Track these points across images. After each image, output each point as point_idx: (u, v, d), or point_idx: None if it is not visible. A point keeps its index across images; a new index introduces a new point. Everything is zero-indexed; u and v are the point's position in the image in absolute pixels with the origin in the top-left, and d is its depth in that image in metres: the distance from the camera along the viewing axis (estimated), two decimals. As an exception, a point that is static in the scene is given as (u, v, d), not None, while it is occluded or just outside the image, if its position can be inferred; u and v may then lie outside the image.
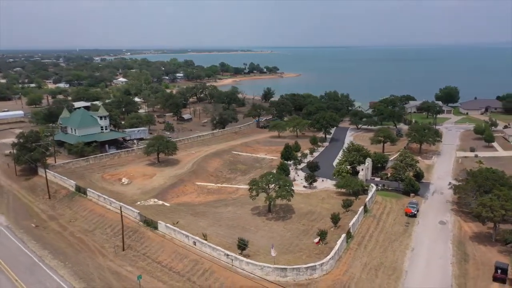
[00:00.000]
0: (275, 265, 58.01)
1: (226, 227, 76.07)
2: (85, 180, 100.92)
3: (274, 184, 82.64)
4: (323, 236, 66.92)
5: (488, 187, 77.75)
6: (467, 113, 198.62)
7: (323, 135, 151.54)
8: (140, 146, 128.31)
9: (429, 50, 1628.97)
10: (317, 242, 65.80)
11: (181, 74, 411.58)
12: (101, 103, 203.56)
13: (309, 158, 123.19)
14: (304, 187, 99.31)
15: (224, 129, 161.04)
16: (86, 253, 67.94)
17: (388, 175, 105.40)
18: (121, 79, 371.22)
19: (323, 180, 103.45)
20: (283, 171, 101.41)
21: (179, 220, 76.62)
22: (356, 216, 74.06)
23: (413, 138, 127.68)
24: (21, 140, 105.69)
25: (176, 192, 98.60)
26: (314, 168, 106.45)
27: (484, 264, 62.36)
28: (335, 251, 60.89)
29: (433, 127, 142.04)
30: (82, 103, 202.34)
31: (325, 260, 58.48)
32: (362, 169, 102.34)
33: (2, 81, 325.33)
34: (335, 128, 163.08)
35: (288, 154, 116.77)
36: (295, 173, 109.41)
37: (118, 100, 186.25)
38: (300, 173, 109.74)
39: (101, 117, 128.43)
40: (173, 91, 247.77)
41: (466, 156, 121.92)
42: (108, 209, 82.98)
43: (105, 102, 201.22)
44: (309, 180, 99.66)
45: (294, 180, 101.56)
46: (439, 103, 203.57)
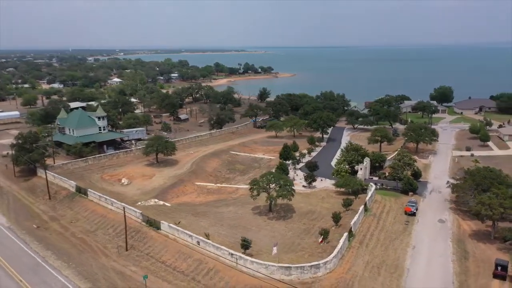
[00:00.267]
0: (280, 264, 58.51)
1: (227, 226, 76.46)
2: (84, 181, 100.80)
3: (275, 183, 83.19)
4: (326, 235, 67.57)
5: (486, 185, 78.86)
6: (461, 113, 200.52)
7: (320, 135, 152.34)
8: (139, 147, 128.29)
9: (429, 50, 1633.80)
10: (321, 241, 66.44)
11: (176, 74, 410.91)
12: (96, 103, 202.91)
13: (307, 158, 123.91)
14: (303, 186, 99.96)
15: (222, 129, 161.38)
16: (89, 254, 68.04)
17: (386, 174, 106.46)
18: (116, 79, 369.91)
19: (322, 180, 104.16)
20: (282, 171, 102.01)
21: (181, 220, 76.87)
22: (357, 215, 74.81)
23: (410, 138, 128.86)
24: (19, 141, 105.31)
25: (176, 192, 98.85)
26: (313, 167, 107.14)
27: (484, 262, 63.37)
28: (338, 250, 61.55)
29: (430, 126, 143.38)
30: (77, 104, 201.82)
31: (329, 259, 59.12)
32: (361, 169, 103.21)
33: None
34: (332, 128, 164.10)
35: (287, 154, 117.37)
36: (294, 172, 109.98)
37: (114, 100, 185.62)
38: (299, 173, 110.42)
39: (99, 118, 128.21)
40: (169, 91, 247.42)
41: (462, 155, 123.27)
42: (110, 209, 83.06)
43: (101, 102, 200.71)
44: (309, 179, 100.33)
45: (294, 180, 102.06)
46: (434, 102, 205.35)
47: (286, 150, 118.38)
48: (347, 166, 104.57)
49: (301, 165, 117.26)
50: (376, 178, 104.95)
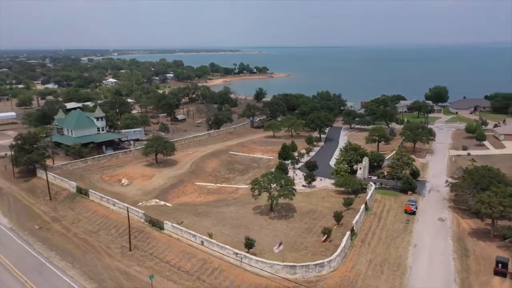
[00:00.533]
0: (285, 263, 59.05)
1: (230, 226, 76.87)
2: (84, 181, 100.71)
3: (276, 183, 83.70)
4: (329, 234, 68.21)
5: (484, 184, 79.96)
6: (456, 112, 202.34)
7: (318, 135, 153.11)
8: (137, 147, 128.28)
9: (428, 50, 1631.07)
10: (324, 239, 67.08)
11: (171, 75, 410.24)
12: (92, 104, 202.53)
13: (306, 158, 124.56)
14: (303, 186, 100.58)
15: (220, 129, 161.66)
16: (93, 254, 68.16)
17: (385, 173, 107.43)
18: (111, 79, 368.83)
19: (321, 179, 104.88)
20: (282, 171, 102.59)
21: (183, 220, 77.16)
22: (358, 214, 75.53)
23: (407, 137, 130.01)
24: (19, 142, 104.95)
25: (177, 192, 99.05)
26: (312, 167, 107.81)
27: (484, 259, 64.37)
28: (341, 249, 62.20)
29: (426, 126, 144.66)
30: (73, 104, 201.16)
31: (333, 257, 59.78)
32: (360, 168, 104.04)
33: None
34: (329, 128, 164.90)
35: (286, 153, 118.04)
36: (293, 172, 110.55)
37: (111, 101, 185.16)
38: (298, 173, 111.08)
39: (97, 118, 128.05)
40: (165, 92, 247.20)
41: (459, 155, 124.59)
42: (112, 210, 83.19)
43: (97, 103, 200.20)
44: (308, 179, 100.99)
45: (293, 179, 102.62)
46: (429, 102, 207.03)
47: (285, 150, 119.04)
48: (346, 166, 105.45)
49: (300, 165, 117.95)
50: (375, 178, 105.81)
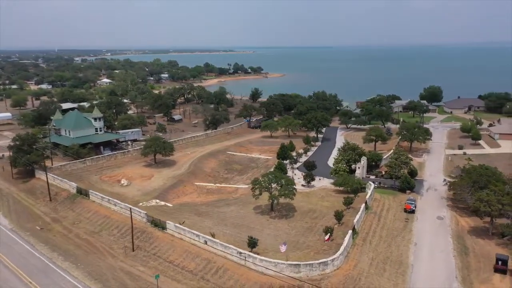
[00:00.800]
0: (289, 262, 59.58)
1: (231, 226, 77.26)
2: (83, 182, 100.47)
3: (276, 183, 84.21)
4: (331, 233, 68.84)
5: (482, 183, 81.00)
6: (451, 112, 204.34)
7: (315, 135, 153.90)
8: (136, 148, 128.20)
9: (423, 50, 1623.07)
10: (327, 238, 67.70)
11: (166, 75, 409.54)
12: (88, 104, 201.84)
13: (304, 158, 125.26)
14: (302, 186, 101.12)
15: (217, 129, 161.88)
16: (96, 255, 68.21)
17: (383, 173, 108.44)
18: (105, 80, 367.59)
19: (320, 179, 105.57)
20: (281, 171, 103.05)
21: (184, 220, 77.37)
22: (359, 213, 76.28)
23: (404, 137, 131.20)
24: (17, 143, 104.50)
25: (176, 192, 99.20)
26: (311, 167, 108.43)
27: (484, 257, 65.37)
28: (344, 247, 62.85)
29: (423, 126, 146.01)
30: (69, 105, 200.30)
31: (336, 256, 60.43)
32: (359, 168, 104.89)
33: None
34: (326, 127, 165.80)
35: (284, 153, 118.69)
36: (292, 172, 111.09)
37: (107, 101, 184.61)
38: (297, 172, 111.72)
39: (95, 119, 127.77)
40: (161, 92, 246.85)
41: (455, 154, 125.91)
42: (113, 210, 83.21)
43: (93, 103, 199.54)
44: (308, 178, 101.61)
45: (293, 179, 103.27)
46: (424, 102, 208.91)
47: (283, 150, 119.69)
48: (344, 165, 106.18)
49: (298, 164, 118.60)
50: (373, 177, 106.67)
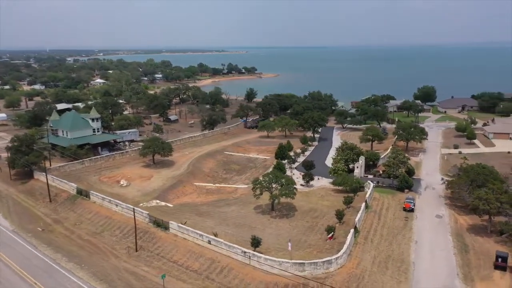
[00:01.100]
0: (294, 260, 60.16)
1: (233, 226, 77.70)
2: (82, 183, 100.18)
3: (277, 183, 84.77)
4: (334, 231, 69.55)
5: (480, 181, 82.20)
6: (445, 112, 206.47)
7: (312, 135, 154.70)
8: (134, 148, 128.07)
9: (425, 50, 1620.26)
10: (330, 237, 68.39)
11: (160, 75, 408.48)
12: (83, 105, 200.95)
13: (302, 158, 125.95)
14: (301, 185, 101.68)
15: (214, 130, 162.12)
16: (99, 255, 68.26)
17: (381, 172, 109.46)
18: (99, 80, 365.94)
19: (318, 179, 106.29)
20: (280, 170, 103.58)
21: (186, 220, 77.62)
22: (360, 212, 77.10)
23: (400, 136, 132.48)
24: (15, 144, 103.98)
25: (176, 193, 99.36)
26: (310, 166, 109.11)
27: (483, 254, 66.50)
28: (347, 246, 63.57)
29: (419, 125, 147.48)
30: (63, 105, 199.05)
31: (340, 254, 61.14)
32: (357, 167, 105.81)
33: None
34: (322, 127, 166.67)
35: (282, 153, 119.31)
36: (290, 172, 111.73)
37: (103, 101, 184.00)
38: (296, 172, 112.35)
39: (93, 119, 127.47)
40: (156, 92, 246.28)
41: (450, 153, 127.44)
42: (114, 211, 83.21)
43: (88, 103, 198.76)
44: (307, 178, 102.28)
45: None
46: (418, 102, 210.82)
47: (281, 149, 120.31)
48: (343, 165, 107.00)
49: (296, 164, 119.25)
50: (371, 176, 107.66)
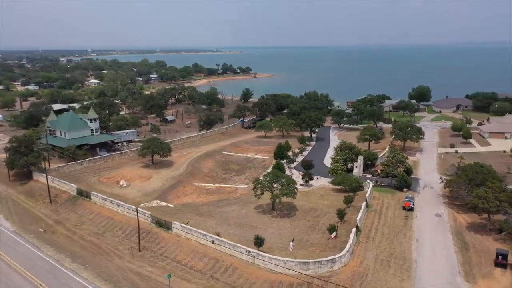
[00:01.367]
0: (298, 259, 60.68)
1: (234, 225, 78.05)
2: (82, 184, 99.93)
3: (278, 183, 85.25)
4: (334, 230, 70.14)
5: (478, 180, 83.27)
6: (440, 111, 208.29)
7: (309, 135, 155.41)
8: (132, 149, 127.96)
9: (424, 50, 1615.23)
10: (334, 236, 68.98)
11: (155, 75, 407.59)
12: (78, 105, 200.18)
13: (300, 157, 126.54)
14: (301, 185, 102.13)
15: (211, 130, 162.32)
16: (102, 256, 68.28)
17: (379, 171, 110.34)
18: (93, 80, 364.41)
19: (317, 178, 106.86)
20: (279, 170, 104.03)
21: (188, 220, 77.85)
22: (361, 211, 77.80)
23: (397, 136, 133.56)
24: (14, 144, 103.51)
25: (176, 193, 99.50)
26: (309, 166, 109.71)
27: (483, 252, 67.47)
28: (350, 245, 64.20)
29: (416, 125, 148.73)
30: (59, 106, 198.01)
31: (343, 253, 61.75)
32: (356, 166, 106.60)
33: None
34: (319, 127, 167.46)
35: (281, 153, 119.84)
36: (289, 171, 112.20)
37: (100, 102, 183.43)
38: (294, 172, 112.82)
39: (91, 120, 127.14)
40: (152, 93, 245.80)
41: (447, 152, 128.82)
42: (116, 211, 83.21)
43: (84, 104, 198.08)
44: (306, 178, 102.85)
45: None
46: (413, 102, 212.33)
47: (280, 149, 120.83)
48: (342, 164, 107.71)
49: (295, 164, 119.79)
50: (369, 176, 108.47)
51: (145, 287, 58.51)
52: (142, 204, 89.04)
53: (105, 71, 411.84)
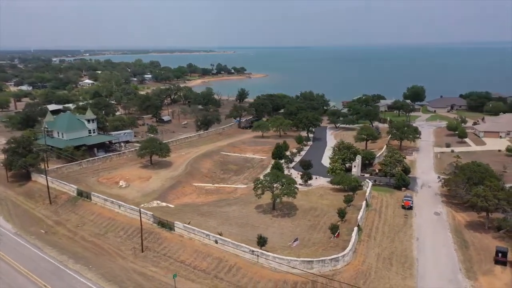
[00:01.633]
0: (302, 258, 61.16)
1: (236, 225, 78.39)
2: (81, 184, 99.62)
3: (278, 182, 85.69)
4: (337, 229, 70.75)
5: (476, 179, 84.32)
6: (434, 111, 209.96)
7: (306, 135, 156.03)
8: (131, 149, 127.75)
9: (424, 49, 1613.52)
10: (337, 235, 69.58)
11: (149, 76, 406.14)
12: (74, 106, 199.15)
13: (298, 157, 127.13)
14: (300, 184, 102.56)
15: (208, 130, 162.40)
16: (105, 256, 68.31)
17: (377, 171, 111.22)
18: (87, 80, 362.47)
19: (316, 178, 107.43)
20: (278, 170, 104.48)
21: (190, 220, 78.01)
22: (362, 210, 78.46)
23: (394, 135, 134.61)
24: (12, 145, 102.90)
25: (176, 193, 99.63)
26: (307, 166, 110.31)
27: (483, 249, 68.48)
28: (352, 243, 64.81)
29: (412, 124, 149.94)
30: (54, 106, 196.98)
31: (346, 252, 62.34)
32: (354, 166, 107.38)
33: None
34: (316, 127, 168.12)
35: (280, 153, 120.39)
36: (287, 171, 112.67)
37: (96, 102, 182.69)
38: (293, 171, 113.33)
39: (88, 120, 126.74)
40: (148, 93, 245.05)
41: (443, 152, 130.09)
42: (117, 212, 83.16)
43: (79, 104, 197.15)
44: (305, 177, 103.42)
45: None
46: (408, 101, 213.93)
47: (279, 149, 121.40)
48: (340, 164, 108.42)
49: (293, 164, 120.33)
50: (367, 175, 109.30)
51: (150, 287, 58.64)
52: (142, 205, 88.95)
53: (99, 72, 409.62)
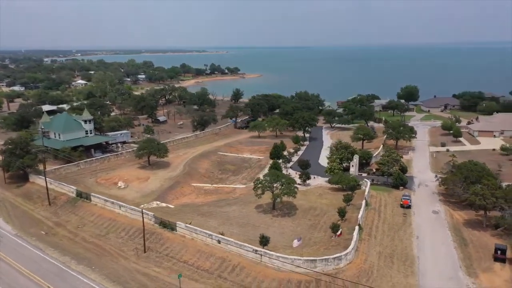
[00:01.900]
0: (305, 257, 61.63)
1: (236, 225, 78.69)
2: (79, 185, 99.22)
3: (278, 182, 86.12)
4: (338, 228, 71.35)
5: (473, 178, 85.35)
6: (428, 111, 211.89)
7: (303, 135, 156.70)
8: (128, 150, 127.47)
9: (424, 49, 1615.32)
10: (339, 234, 70.18)
11: (143, 76, 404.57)
12: (68, 106, 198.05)
13: (295, 157, 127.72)
14: (298, 184, 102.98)
15: (205, 130, 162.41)
16: (108, 257, 68.26)
17: (374, 170, 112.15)
18: (80, 81, 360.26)
19: (314, 177, 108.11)
20: (276, 170, 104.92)
21: (191, 221, 78.15)
22: (361, 209, 79.16)
23: (390, 135, 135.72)
24: (9, 147, 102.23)
25: (175, 194, 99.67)
26: (306, 166, 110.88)
27: (482, 247, 69.46)
28: (354, 242, 65.43)
29: (408, 124, 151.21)
30: (48, 107, 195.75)
31: (348, 251, 62.94)
32: (353, 165, 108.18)
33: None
34: (312, 127, 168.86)
35: (277, 153, 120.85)
36: (285, 171, 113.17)
37: (90, 103, 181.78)
38: (291, 171, 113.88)
39: (85, 121, 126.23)
40: (143, 93, 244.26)
41: (438, 151, 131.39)
42: (117, 213, 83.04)
43: (73, 105, 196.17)
44: (303, 177, 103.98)
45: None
46: (402, 101, 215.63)
47: (276, 149, 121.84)
48: (338, 164, 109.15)
49: (291, 163, 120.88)
50: (365, 174, 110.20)
51: (154, 287, 58.79)
52: (142, 205, 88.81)
53: (92, 72, 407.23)
